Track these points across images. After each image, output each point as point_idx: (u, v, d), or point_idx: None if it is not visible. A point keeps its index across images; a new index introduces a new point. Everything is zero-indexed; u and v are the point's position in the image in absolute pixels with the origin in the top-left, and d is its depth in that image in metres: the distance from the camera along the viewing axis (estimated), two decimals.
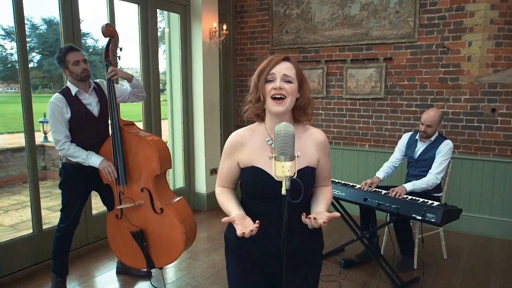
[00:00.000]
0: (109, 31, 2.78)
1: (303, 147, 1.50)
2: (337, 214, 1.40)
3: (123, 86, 3.04)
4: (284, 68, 1.45)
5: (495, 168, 4.01)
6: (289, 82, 1.45)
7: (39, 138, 6.39)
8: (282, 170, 1.31)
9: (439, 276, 3.23)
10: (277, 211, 1.37)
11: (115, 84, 2.84)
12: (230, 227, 1.64)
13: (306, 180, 1.46)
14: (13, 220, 5.13)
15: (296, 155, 1.33)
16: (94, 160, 2.70)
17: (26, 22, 3.24)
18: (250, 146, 1.51)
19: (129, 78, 2.85)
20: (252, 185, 1.49)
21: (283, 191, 1.31)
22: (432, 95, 4.23)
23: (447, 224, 3.26)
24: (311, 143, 1.53)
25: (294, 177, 1.33)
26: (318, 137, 1.54)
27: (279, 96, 1.44)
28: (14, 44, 7.71)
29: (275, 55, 1.50)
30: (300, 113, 1.52)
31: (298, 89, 1.48)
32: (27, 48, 3.18)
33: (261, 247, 1.49)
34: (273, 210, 1.43)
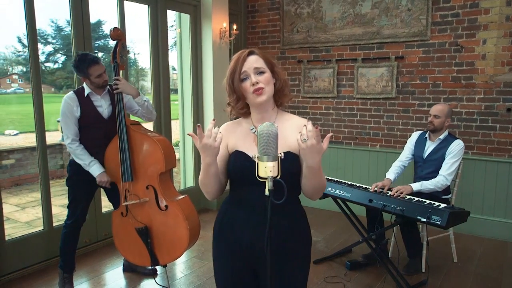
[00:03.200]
0: (117, 34, 2.84)
1: (284, 133, 1.50)
2: (330, 134, 1.37)
3: None
4: (253, 62, 1.50)
5: (511, 169, 3.88)
6: (262, 72, 1.49)
7: (57, 137, 6.57)
8: (265, 171, 1.30)
9: (448, 279, 3.15)
10: (261, 199, 1.32)
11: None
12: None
13: (288, 165, 1.41)
14: (29, 217, 5.28)
15: (279, 155, 1.32)
16: (94, 169, 2.77)
17: (51, 24, 3.34)
18: (236, 134, 1.58)
19: (133, 94, 2.83)
20: (234, 169, 1.51)
21: (266, 192, 1.31)
22: (445, 94, 4.13)
23: (458, 227, 3.19)
24: (292, 129, 1.52)
25: (278, 177, 1.32)
26: (300, 123, 1.54)
27: (258, 88, 1.47)
28: (41, 46, 7.89)
29: (239, 52, 1.53)
30: (279, 96, 1.57)
31: (272, 75, 1.52)
32: (48, 50, 3.27)
33: (245, 237, 1.49)
34: (257, 197, 1.42)
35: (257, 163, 1.32)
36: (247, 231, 1.48)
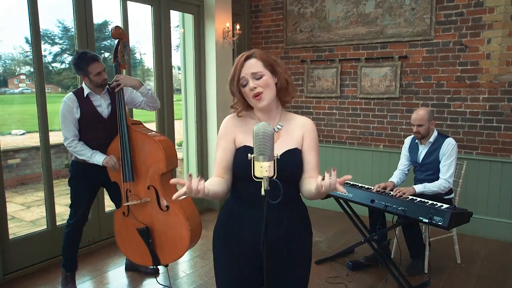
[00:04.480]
0: (118, 33, 2.85)
1: (290, 132, 1.56)
2: (349, 176, 1.36)
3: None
4: (250, 67, 1.49)
5: None
6: (260, 77, 1.49)
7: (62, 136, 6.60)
8: (261, 171, 1.31)
9: (451, 281, 3.13)
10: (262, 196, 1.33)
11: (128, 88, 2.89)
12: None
13: (294, 159, 1.51)
14: (34, 216, 5.33)
15: (275, 155, 1.32)
16: (97, 158, 2.77)
17: (58, 25, 3.36)
18: (244, 127, 1.56)
19: (136, 85, 2.82)
20: (240, 164, 1.49)
21: (262, 192, 1.31)
22: (449, 94, 4.10)
23: (462, 227, 3.17)
24: (298, 126, 1.58)
25: (274, 177, 1.32)
26: (304, 121, 1.60)
27: (256, 94, 1.49)
28: (48, 46, 7.89)
29: (238, 57, 1.53)
30: (284, 94, 1.57)
31: (272, 76, 1.52)
32: (55, 50, 3.29)
33: (247, 234, 1.49)
34: (259, 193, 1.37)
35: (253, 163, 1.32)
36: (255, 228, 1.46)
